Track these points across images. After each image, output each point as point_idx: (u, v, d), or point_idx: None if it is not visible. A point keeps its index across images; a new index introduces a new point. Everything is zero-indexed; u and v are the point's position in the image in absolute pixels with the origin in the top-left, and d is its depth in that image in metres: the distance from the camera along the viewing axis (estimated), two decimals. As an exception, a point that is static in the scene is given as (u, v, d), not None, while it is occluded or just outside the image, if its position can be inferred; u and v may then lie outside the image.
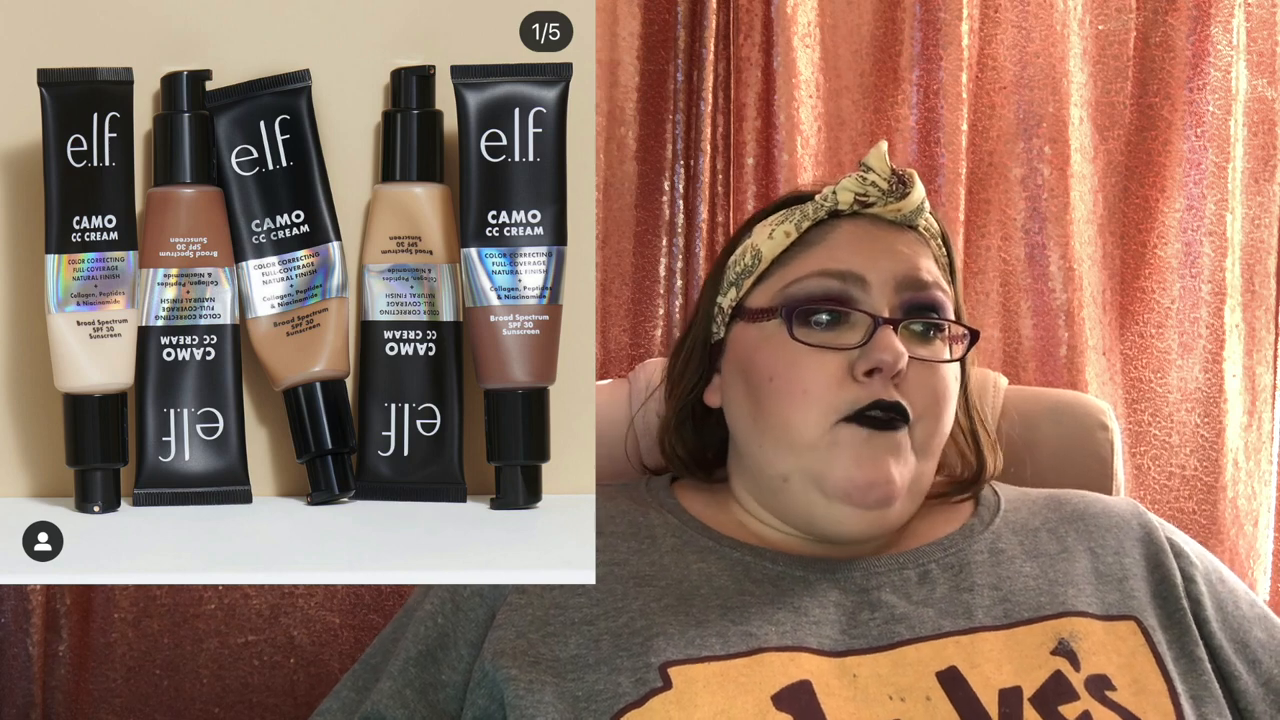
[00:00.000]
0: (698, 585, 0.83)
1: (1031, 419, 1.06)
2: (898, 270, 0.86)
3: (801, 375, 0.84)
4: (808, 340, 0.85)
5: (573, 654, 0.79)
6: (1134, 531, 0.89)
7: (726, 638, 0.79)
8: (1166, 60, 1.28)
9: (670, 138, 1.28)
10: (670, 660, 0.77)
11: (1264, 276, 1.29)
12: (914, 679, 0.78)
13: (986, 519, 0.90)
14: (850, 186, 0.89)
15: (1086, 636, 0.81)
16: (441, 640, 0.84)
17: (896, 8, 1.27)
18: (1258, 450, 1.29)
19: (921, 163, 1.27)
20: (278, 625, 1.22)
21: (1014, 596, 0.83)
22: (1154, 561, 0.88)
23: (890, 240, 0.88)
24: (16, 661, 1.17)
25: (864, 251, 0.87)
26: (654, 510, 0.90)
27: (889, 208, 0.89)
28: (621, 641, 0.79)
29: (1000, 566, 0.85)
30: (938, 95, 1.25)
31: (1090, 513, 0.91)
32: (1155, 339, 1.28)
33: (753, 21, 1.25)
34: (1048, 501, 0.92)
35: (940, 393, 0.85)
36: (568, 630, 0.80)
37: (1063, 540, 0.88)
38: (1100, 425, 1.07)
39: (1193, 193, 1.28)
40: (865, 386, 0.83)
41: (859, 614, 0.81)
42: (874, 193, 0.89)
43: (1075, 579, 0.85)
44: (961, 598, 0.83)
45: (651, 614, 0.81)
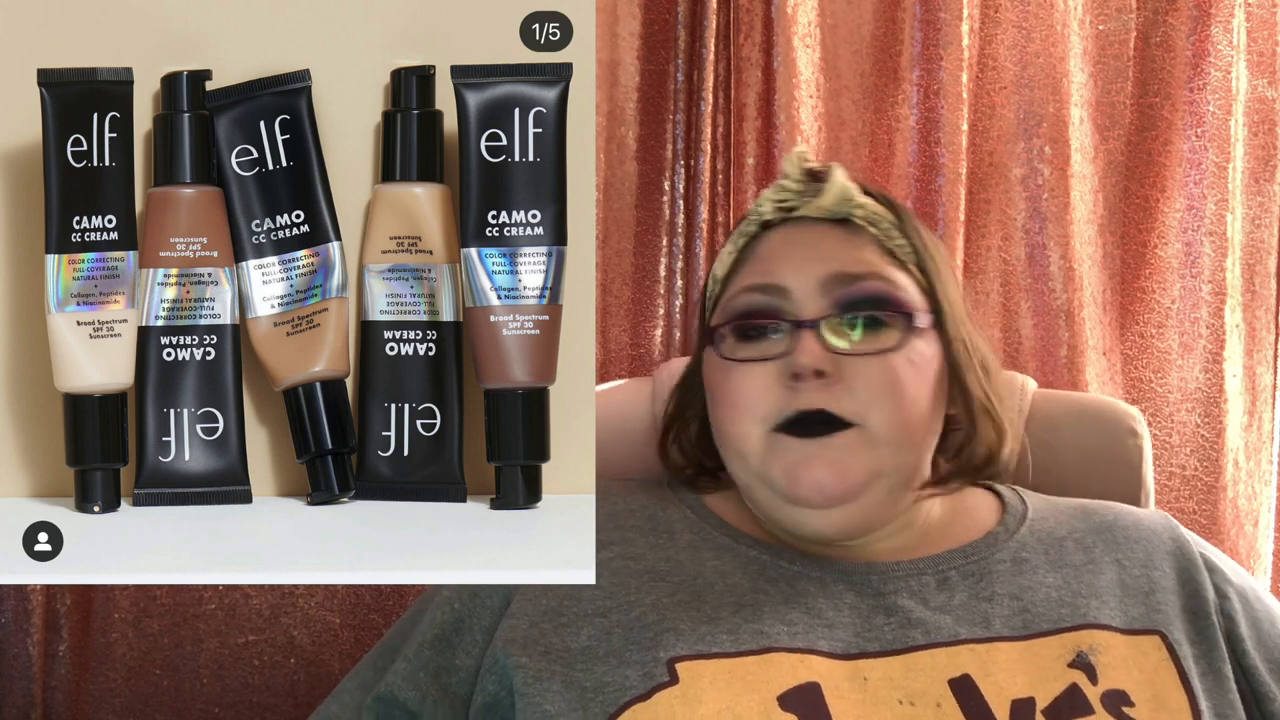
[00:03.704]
0: (712, 581, 0.83)
1: (1058, 423, 1.05)
2: (821, 271, 0.85)
3: (730, 388, 0.85)
4: (738, 355, 0.86)
5: (584, 645, 0.79)
6: (1165, 545, 0.88)
7: (737, 635, 0.79)
8: (1167, 60, 1.28)
9: (670, 138, 1.28)
10: (678, 655, 0.77)
11: (1264, 276, 1.29)
12: (926, 684, 0.77)
13: (1012, 527, 0.89)
14: (768, 196, 0.91)
15: (1107, 650, 0.80)
16: (457, 625, 0.85)
17: (896, 8, 1.27)
18: (1258, 450, 1.29)
19: (921, 163, 1.27)
20: (278, 625, 1.22)
21: (1034, 607, 0.82)
22: (1185, 575, 0.86)
23: (815, 241, 0.88)
24: (16, 661, 1.17)
25: (786, 259, 0.87)
26: (674, 506, 0.90)
27: (811, 206, 0.89)
28: (632, 635, 0.79)
29: (1022, 576, 0.84)
30: (938, 95, 1.25)
31: (1120, 524, 0.89)
32: (1155, 339, 1.28)
33: (753, 21, 1.25)
34: (1076, 511, 0.91)
35: (888, 381, 0.83)
36: (580, 621, 0.81)
37: (1089, 551, 0.87)
38: (1130, 431, 1.05)
39: (1193, 193, 1.28)
40: (794, 392, 0.83)
41: (874, 618, 0.81)
42: (790, 196, 0.90)
43: (1099, 591, 0.84)
44: (980, 606, 0.82)
45: (663, 609, 0.81)
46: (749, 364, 0.85)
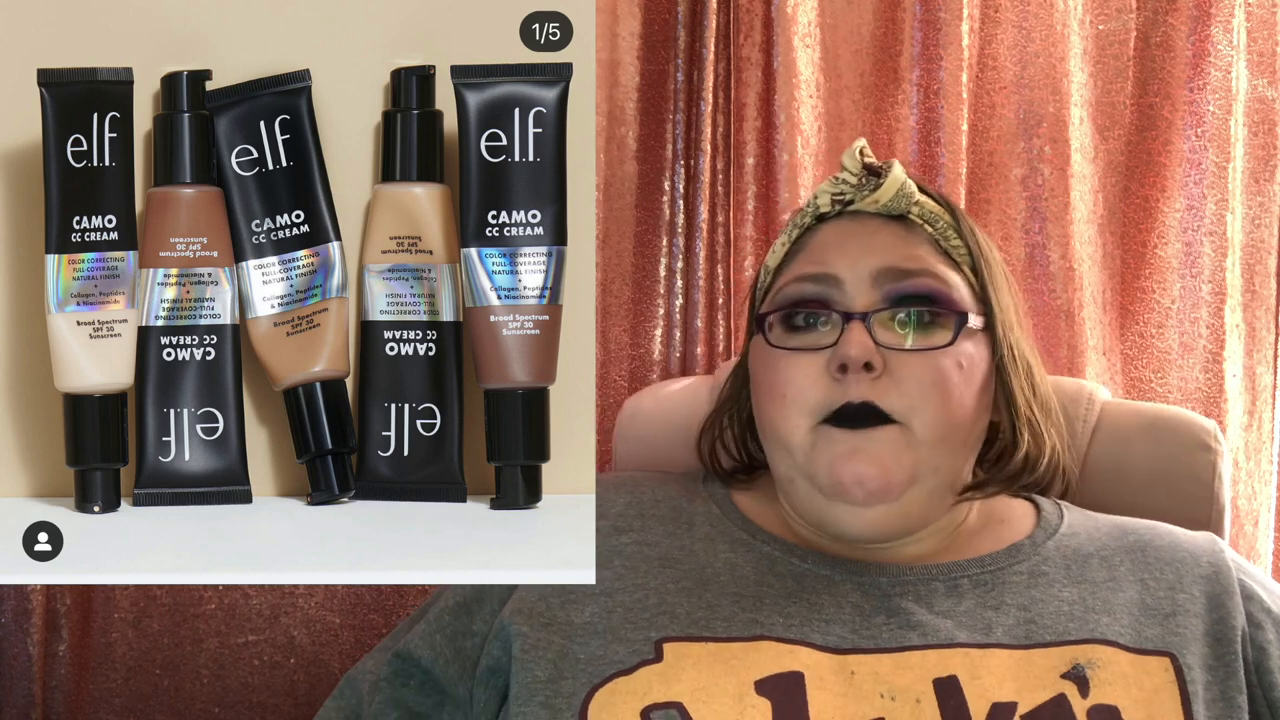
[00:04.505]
0: (719, 572, 0.84)
1: (1126, 435, 1.02)
2: (874, 264, 0.85)
3: (778, 379, 0.85)
4: (785, 344, 0.85)
5: (586, 620, 0.81)
6: (1200, 568, 0.85)
7: (731, 622, 0.80)
8: (1167, 60, 1.28)
9: (670, 138, 1.28)
10: (668, 636, 0.79)
11: (1264, 276, 1.29)
12: (910, 681, 0.77)
13: (1040, 541, 0.87)
14: (825, 189, 0.90)
15: (1107, 666, 0.79)
16: (479, 595, 0.87)
17: (896, 8, 1.27)
18: (1258, 450, 1.29)
19: (921, 163, 1.27)
20: (278, 625, 1.22)
21: (1041, 619, 0.81)
22: (1215, 601, 0.83)
23: (869, 235, 0.88)
24: (16, 661, 1.17)
25: (840, 250, 0.87)
26: (700, 500, 0.91)
27: (867, 201, 0.89)
28: (631, 615, 0.81)
29: (1036, 589, 0.83)
30: (938, 95, 1.25)
31: (1155, 545, 0.87)
32: (1155, 339, 1.28)
33: (753, 21, 1.25)
34: (1114, 530, 0.89)
35: (936, 380, 0.83)
36: (587, 599, 0.83)
37: (1114, 569, 0.85)
38: (1202, 445, 1.00)
39: (1193, 192, 1.28)
40: (841, 384, 0.82)
41: (874, 617, 0.81)
42: (848, 189, 0.90)
43: (1115, 608, 0.82)
44: (985, 614, 0.81)
45: (666, 593, 0.82)
46: (797, 353, 0.85)
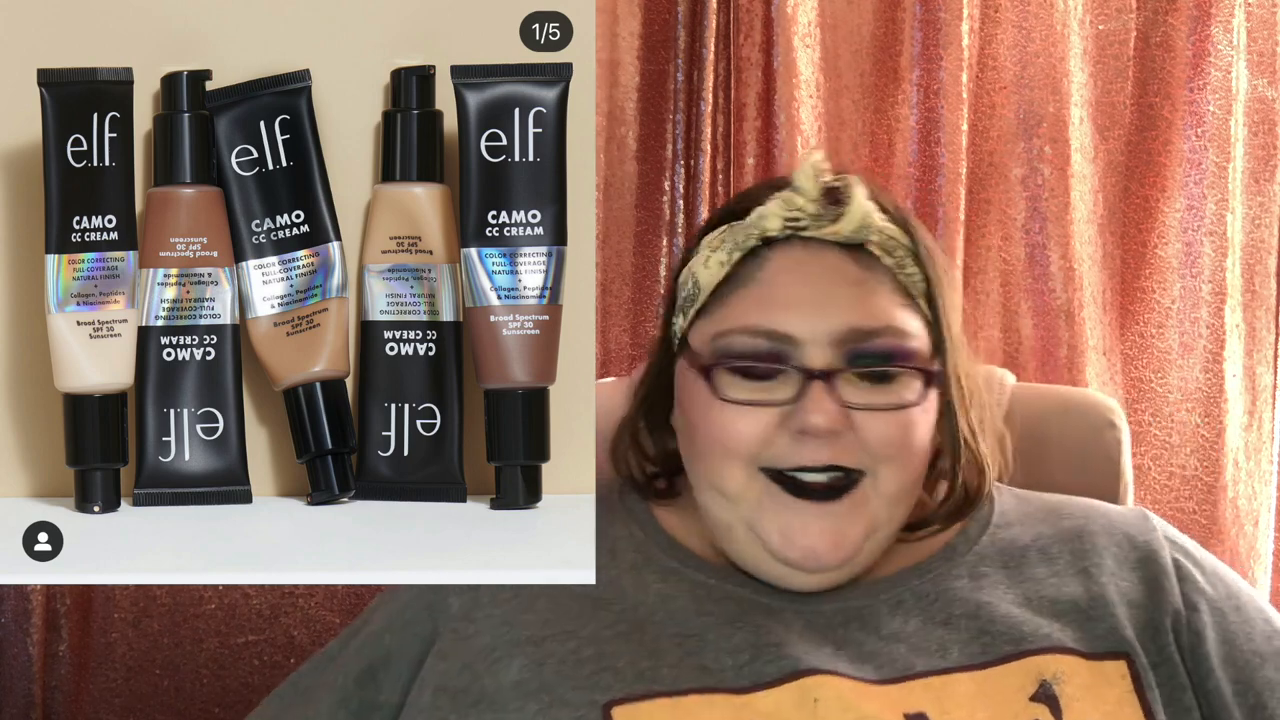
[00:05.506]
0: (654, 609, 0.79)
1: (1038, 417, 1.04)
2: (834, 325, 0.78)
3: (727, 434, 0.79)
4: (734, 397, 0.79)
5: (515, 679, 0.76)
6: (1137, 550, 0.83)
7: (679, 669, 0.75)
8: (1166, 60, 1.28)
9: (670, 138, 1.28)
10: (615, 699, 0.74)
11: (1264, 276, 1.29)
12: (878, 709, 0.74)
13: (973, 536, 0.84)
14: (777, 211, 0.81)
15: (1070, 679, 0.76)
16: (386, 660, 0.82)
17: (896, 8, 1.27)
18: (1258, 450, 1.29)
19: (921, 163, 1.27)
20: (278, 625, 1.22)
21: (993, 628, 0.78)
22: (1154, 585, 0.81)
23: (827, 283, 0.80)
24: (16, 661, 1.17)
25: (795, 305, 0.79)
26: (620, 521, 0.86)
27: (825, 230, 0.80)
28: (566, 669, 0.76)
29: (981, 592, 0.80)
30: (938, 95, 1.25)
31: (1089, 530, 0.84)
32: (1155, 339, 1.29)
33: (753, 21, 1.25)
34: (1045, 513, 0.86)
35: (904, 438, 0.79)
36: (513, 651, 0.77)
37: (1053, 563, 0.82)
38: (1108, 424, 1.05)
39: (1193, 192, 1.28)
40: (798, 444, 0.77)
41: (822, 648, 0.77)
42: (803, 217, 0.80)
43: (1062, 610, 0.79)
44: (936, 633, 0.78)
45: (603, 641, 0.77)
46: (747, 406, 0.79)
